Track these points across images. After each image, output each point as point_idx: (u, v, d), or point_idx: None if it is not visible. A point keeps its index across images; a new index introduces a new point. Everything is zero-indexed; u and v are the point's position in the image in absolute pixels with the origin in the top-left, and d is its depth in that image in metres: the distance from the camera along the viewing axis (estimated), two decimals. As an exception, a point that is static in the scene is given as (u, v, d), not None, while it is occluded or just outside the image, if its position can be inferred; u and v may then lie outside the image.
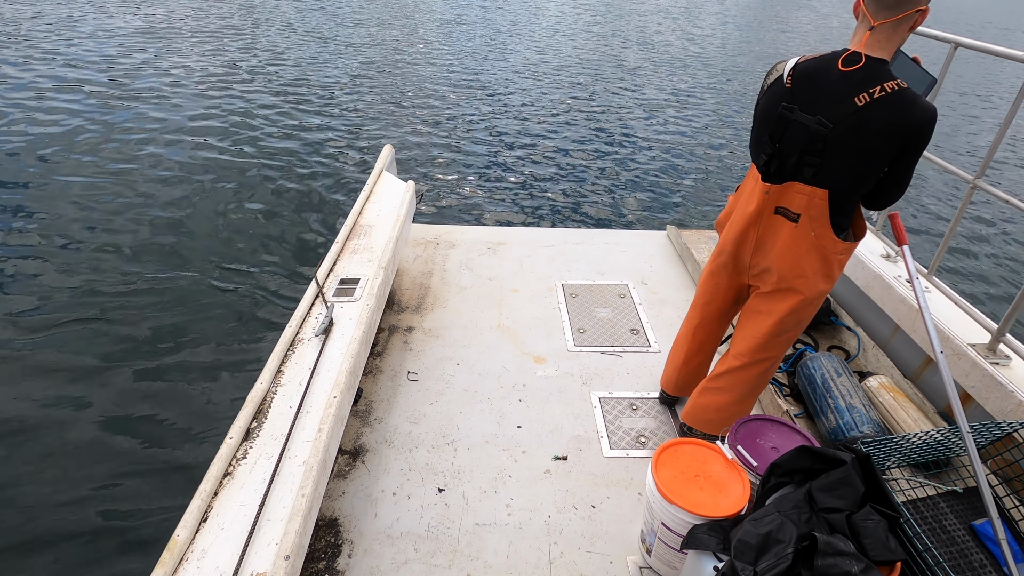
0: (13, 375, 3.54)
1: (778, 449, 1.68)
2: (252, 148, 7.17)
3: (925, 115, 1.51)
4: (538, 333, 2.92)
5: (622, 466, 2.22)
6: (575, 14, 20.62)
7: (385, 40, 13.64)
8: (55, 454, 3.09)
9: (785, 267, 1.79)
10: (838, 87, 1.59)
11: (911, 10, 1.51)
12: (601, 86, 11.47)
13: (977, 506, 1.82)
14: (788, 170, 1.70)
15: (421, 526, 1.94)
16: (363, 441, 2.26)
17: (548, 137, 8.56)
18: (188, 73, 9.74)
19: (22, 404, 3.35)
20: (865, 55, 1.56)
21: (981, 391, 2.16)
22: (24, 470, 2.99)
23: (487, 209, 6.35)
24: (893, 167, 1.62)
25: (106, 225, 5.23)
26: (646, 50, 15.35)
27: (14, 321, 3.97)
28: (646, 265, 3.58)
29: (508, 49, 13.92)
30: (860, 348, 2.77)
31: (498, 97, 10.17)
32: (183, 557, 1.36)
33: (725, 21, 22.48)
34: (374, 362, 2.66)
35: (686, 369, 2.32)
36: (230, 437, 1.64)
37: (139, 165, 6.44)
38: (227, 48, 11.53)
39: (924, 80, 1.74)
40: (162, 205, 5.67)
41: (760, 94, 1.80)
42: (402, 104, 9.39)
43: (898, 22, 1.53)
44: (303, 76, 10.26)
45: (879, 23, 1.54)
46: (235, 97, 8.86)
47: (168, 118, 7.81)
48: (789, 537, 1.25)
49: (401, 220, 2.83)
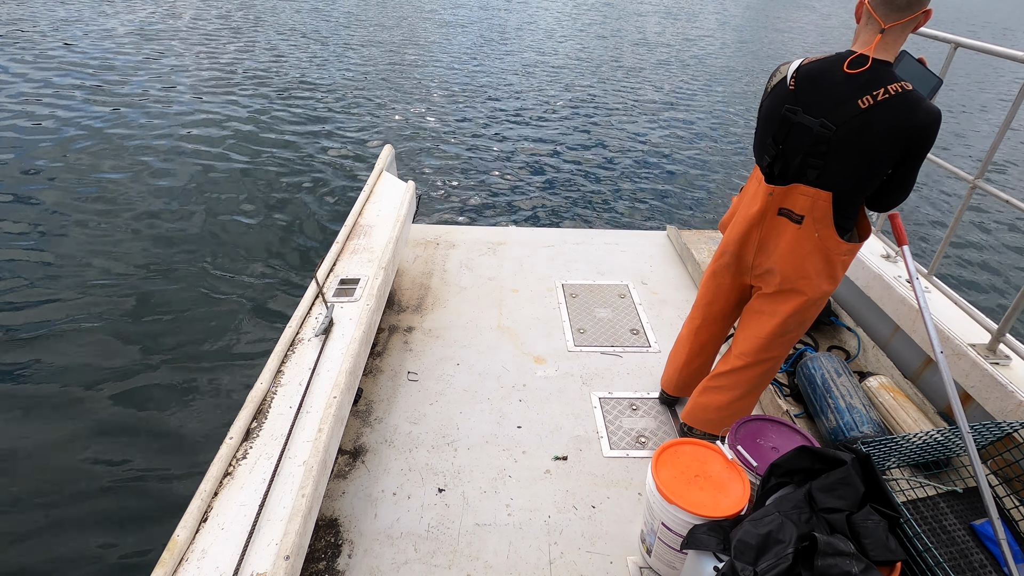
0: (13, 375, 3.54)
1: (778, 449, 1.68)
2: (252, 148, 7.17)
3: (929, 118, 1.51)
4: (538, 333, 2.92)
5: (622, 466, 2.22)
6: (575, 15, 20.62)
7: (385, 40, 13.64)
8: (55, 454, 3.09)
9: (789, 268, 1.79)
10: (842, 89, 1.58)
11: (919, 11, 1.51)
12: (601, 86, 11.47)
13: (977, 506, 1.82)
14: (792, 172, 1.70)
15: (421, 526, 1.94)
16: (363, 441, 2.26)
17: (548, 137, 8.56)
18: (188, 73, 9.75)
19: (22, 404, 3.35)
20: (872, 57, 1.56)
21: (981, 391, 2.16)
22: (24, 470, 2.99)
23: (487, 209, 6.35)
24: (897, 169, 1.61)
25: (107, 225, 5.23)
26: (646, 51, 15.34)
27: (15, 321, 3.97)
28: (646, 265, 3.58)
29: (508, 50, 13.93)
30: (860, 348, 2.77)
31: (498, 97, 10.18)
32: (183, 557, 1.36)
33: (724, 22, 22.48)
34: (374, 362, 2.66)
35: (687, 370, 2.31)
36: (230, 437, 1.64)
37: (139, 165, 6.44)
38: (227, 48, 11.53)
39: (930, 81, 1.73)
40: (162, 205, 5.67)
41: (764, 96, 1.80)
42: (402, 104, 9.39)
43: (907, 23, 1.53)
44: (303, 76, 10.27)
45: (890, 25, 1.53)
46: (235, 97, 8.86)
47: (168, 118, 7.81)
48: (789, 537, 1.25)
49: (401, 220, 2.83)
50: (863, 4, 1.59)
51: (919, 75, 1.71)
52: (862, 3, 1.60)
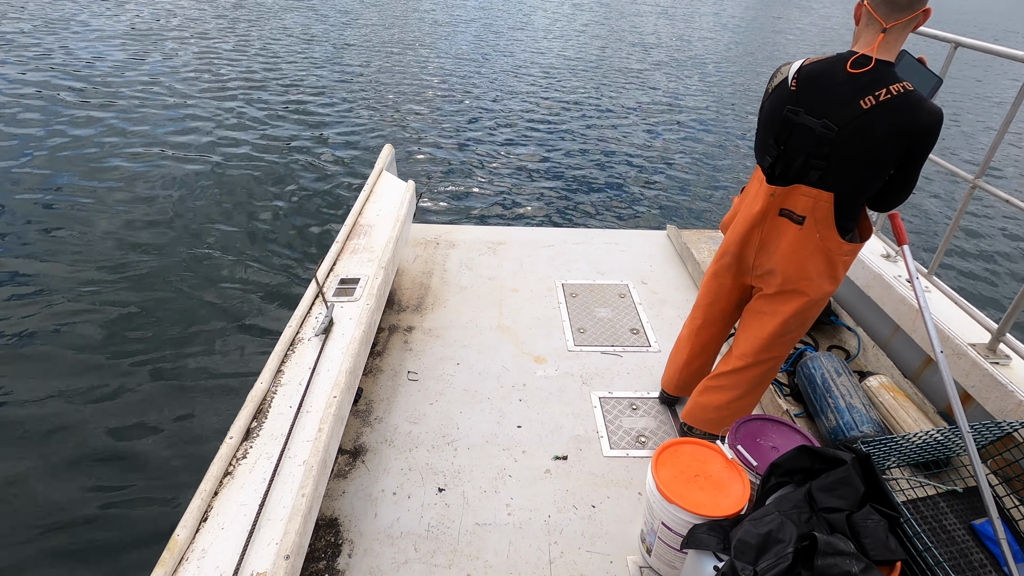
0: (14, 375, 3.54)
1: (778, 449, 1.68)
2: (252, 148, 7.18)
3: (932, 118, 1.51)
4: (538, 333, 2.92)
5: (622, 466, 2.22)
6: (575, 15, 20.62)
7: (385, 40, 13.64)
8: (55, 453, 3.09)
9: (790, 269, 1.78)
10: (844, 90, 1.58)
11: (919, 10, 1.52)
12: (601, 87, 11.47)
13: (977, 506, 1.82)
14: (793, 172, 1.70)
15: (421, 526, 1.94)
16: (363, 441, 2.26)
17: (548, 137, 8.56)
18: (187, 73, 9.74)
19: (23, 403, 3.35)
20: (875, 58, 1.56)
21: (981, 391, 2.16)
22: (24, 470, 2.99)
23: (487, 209, 6.35)
24: (899, 170, 1.61)
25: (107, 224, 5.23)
26: (646, 51, 15.34)
27: (15, 321, 3.97)
28: (646, 265, 3.58)
29: (508, 50, 13.92)
30: (860, 348, 2.77)
31: (498, 97, 10.18)
32: (183, 557, 1.36)
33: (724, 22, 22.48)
34: (374, 362, 2.66)
35: (688, 370, 2.31)
36: (230, 437, 1.64)
37: (139, 165, 6.44)
38: (226, 48, 11.53)
39: (931, 81, 1.73)
40: (162, 205, 5.67)
41: (765, 97, 1.80)
42: (402, 104, 9.39)
43: (908, 22, 1.53)
44: (303, 76, 10.27)
45: (892, 24, 1.53)
46: (235, 98, 8.86)
47: (168, 118, 7.81)
48: (789, 537, 1.25)
49: (401, 220, 2.83)
50: (862, 5, 1.60)
51: (919, 74, 1.71)
52: (861, 4, 1.60)
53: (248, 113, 8.28)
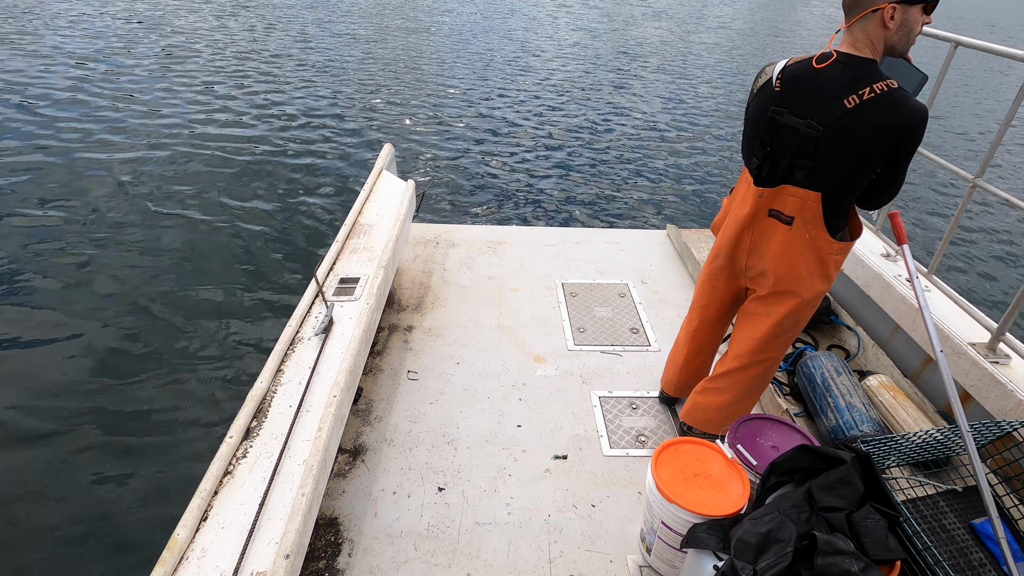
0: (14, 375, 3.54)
1: (778, 448, 1.68)
2: (252, 148, 7.17)
3: (916, 116, 1.51)
4: (538, 332, 2.92)
5: (622, 465, 2.22)
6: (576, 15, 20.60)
7: (385, 39, 13.63)
8: (55, 453, 3.09)
9: (781, 270, 1.78)
10: (827, 89, 1.59)
11: (867, 10, 1.55)
12: (602, 86, 11.46)
13: (977, 505, 1.82)
14: (780, 173, 1.70)
15: (421, 525, 1.95)
16: (363, 440, 2.26)
17: (548, 136, 8.55)
18: (186, 73, 9.74)
19: (23, 403, 3.35)
20: (836, 51, 1.60)
21: (981, 390, 2.16)
22: (24, 470, 2.99)
23: (487, 208, 6.35)
24: (886, 168, 1.61)
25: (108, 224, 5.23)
26: (646, 51, 15.34)
27: (15, 320, 3.97)
28: (646, 264, 3.58)
29: (508, 50, 13.92)
30: (860, 347, 2.77)
31: (498, 97, 10.17)
32: (183, 556, 1.36)
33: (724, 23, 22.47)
34: (374, 361, 2.66)
35: (686, 371, 2.32)
36: (230, 436, 1.65)
37: (139, 165, 6.44)
38: (225, 48, 11.52)
39: (915, 78, 1.73)
40: (162, 205, 5.67)
41: (750, 98, 1.80)
42: (402, 103, 9.39)
43: (862, 20, 1.56)
44: (303, 76, 10.26)
45: (849, 23, 1.60)
46: (234, 98, 8.86)
47: (168, 118, 7.81)
48: (789, 536, 1.25)
49: (401, 219, 2.83)
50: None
51: (904, 72, 1.71)
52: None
53: (248, 112, 8.28)
